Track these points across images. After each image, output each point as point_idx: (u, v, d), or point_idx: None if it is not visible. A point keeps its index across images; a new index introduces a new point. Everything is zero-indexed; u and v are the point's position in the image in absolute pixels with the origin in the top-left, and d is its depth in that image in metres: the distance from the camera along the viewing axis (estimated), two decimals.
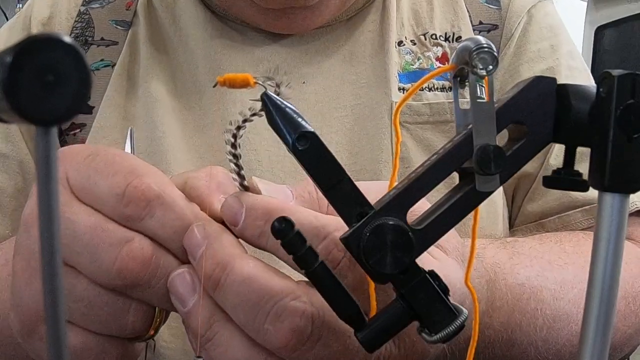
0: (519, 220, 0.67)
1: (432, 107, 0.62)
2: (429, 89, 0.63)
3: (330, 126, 0.61)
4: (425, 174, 0.33)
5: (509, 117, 0.33)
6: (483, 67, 0.32)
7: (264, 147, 0.60)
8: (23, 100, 0.19)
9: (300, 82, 0.62)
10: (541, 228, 0.65)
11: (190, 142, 0.61)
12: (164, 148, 0.60)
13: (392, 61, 0.62)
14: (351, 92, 0.62)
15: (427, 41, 0.64)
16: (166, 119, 0.61)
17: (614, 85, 0.30)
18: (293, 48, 0.63)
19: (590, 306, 0.30)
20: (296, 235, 0.34)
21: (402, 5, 0.65)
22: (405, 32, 0.65)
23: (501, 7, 0.67)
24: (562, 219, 0.64)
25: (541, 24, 0.68)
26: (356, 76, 0.63)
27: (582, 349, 0.30)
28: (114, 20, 0.65)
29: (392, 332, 0.35)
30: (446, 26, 0.65)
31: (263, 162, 0.60)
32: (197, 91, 0.62)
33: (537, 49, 0.66)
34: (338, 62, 0.63)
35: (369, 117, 0.61)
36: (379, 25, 0.64)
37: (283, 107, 0.33)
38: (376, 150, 0.60)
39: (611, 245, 0.29)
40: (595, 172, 0.30)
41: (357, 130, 0.61)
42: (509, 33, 0.66)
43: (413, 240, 0.32)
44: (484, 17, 0.66)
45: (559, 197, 0.64)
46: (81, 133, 0.63)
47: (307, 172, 0.33)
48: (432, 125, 0.61)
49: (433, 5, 0.66)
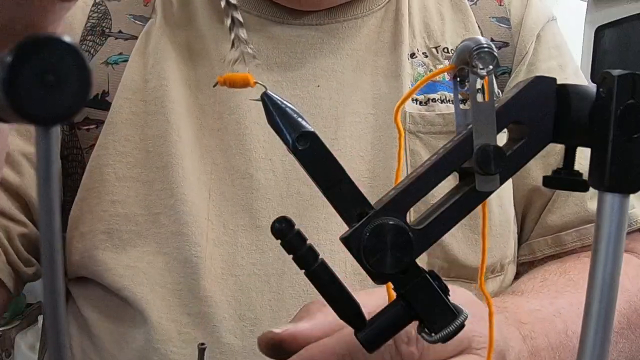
0: (536, 233, 0.68)
1: (445, 117, 0.62)
2: (441, 101, 0.63)
3: (344, 130, 0.61)
4: (425, 174, 0.33)
5: (509, 117, 0.33)
6: (483, 67, 0.32)
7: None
8: (23, 99, 0.19)
9: (315, 85, 0.62)
10: (559, 241, 0.66)
11: (203, 143, 0.60)
12: (175, 147, 0.59)
13: (405, 72, 0.63)
14: (365, 101, 0.62)
15: (439, 54, 0.65)
16: (178, 117, 0.60)
17: (614, 85, 0.30)
18: (305, 38, 0.63)
19: (591, 306, 0.30)
20: (296, 235, 0.34)
21: (414, 16, 0.66)
22: (417, 44, 0.65)
23: (511, 27, 0.68)
24: (580, 232, 0.66)
25: (549, 44, 0.70)
26: (369, 85, 0.63)
27: (582, 349, 0.30)
28: (132, 15, 0.64)
29: (392, 332, 0.35)
30: (457, 40, 0.66)
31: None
32: (212, 89, 0.62)
33: (547, 67, 0.68)
34: (351, 68, 0.63)
35: (382, 127, 0.61)
36: (391, 34, 0.65)
37: (283, 107, 0.33)
38: (391, 159, 0.60)
39: (611, 245, 0.29)
40: (595, 172, 0.30)
41: (372, 140, 0.61)
42: (523, 51, 0.68)
43: (413, 240, 0.32)
44: (495, 34, 0.68)
45: (577, 210, 0.66)
46: (97, 130, 0.61)
47: (307, 172, 0.33)
48: (445, 135, 0.62)
49: (444, 19, 0.67)
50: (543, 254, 0.67)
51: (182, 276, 0.57)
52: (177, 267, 0.57)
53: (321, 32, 0.63)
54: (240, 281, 0.57)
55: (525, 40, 0.68)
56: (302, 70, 0.62)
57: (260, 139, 0.60)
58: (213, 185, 0.59)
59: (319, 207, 0.58)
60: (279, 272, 0.57)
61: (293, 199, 0.59)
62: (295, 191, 0.59)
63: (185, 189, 0.58)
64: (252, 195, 0.58)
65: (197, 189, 0.58)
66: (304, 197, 0.59)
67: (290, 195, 0.59)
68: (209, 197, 0.58)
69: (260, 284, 0.57)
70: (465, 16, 0.67)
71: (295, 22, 0.63)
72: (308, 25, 0.63)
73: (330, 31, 0.64)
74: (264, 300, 0.57)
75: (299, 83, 0.62)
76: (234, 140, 0.60)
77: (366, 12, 0.65)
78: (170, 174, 0.58)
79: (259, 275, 0.57)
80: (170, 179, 0.58)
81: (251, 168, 0.59)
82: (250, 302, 0.56)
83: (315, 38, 0.63)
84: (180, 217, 0.57)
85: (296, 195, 0.59)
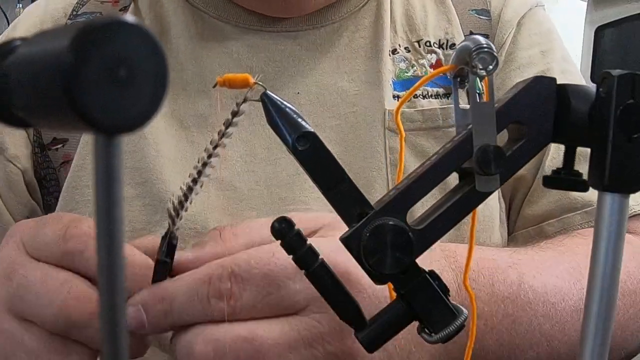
0: (519, 225, 0.66)
1: (425, 113, 0.62)
2: (423, 97, 0.63)
3: (324, 134, 0.61)
4: (425, 174, 0.33)
5: (509, 117, 0.33)
6: (483, 67, 0.32)
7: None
8: (88, 102, 0.14)
9: (295, 92, 0.62)
10: (541, 232, 0.64)
11: (183, 155, 0.60)
12: (154, 162, 0.59)
13: (386, 69, 0.62)
14: (345, 101, 0.62)
15: (422, 48, 0.64)
16: (155, 132, 0.60)
17: (614, 85, 0.30)
18: (284, 45, 0.63)
19: (591, 306, 0.30)
20: (296, 235, 0.34)
21: (396, 12, 0.65)
22: (399, 39, 0.65)
23: (491, 18, 0.68)
24: (562, 222, 0.63)
25: (531, 32, 0.68)
26: (350, 84, 0.62)
27: (582, 349, 0.30)
28: None
29: (392, 332, 0.35)
30: (440, 33, 0.65)
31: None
32: (185, 94, 0.62)
33: (528, 56, 0.67)
34: (331, 70, 0.63)
35: (361, 124, 0.61)
36: (372, 32, 0.64)
37: (283, 107, 0.33)
38: (369, 158, 0.60)
39: (611, 245, 0.29)
40: (595, 172, 0.30)
41: (350, 139, 0.61)
42: (500, 41, 0.67)
43: (413, 240, 0.32)
44: (474, 27, 0.67)
45: (558, 199, 0.64)
46: (64, 148, 0.62)
47: (307, 172, 0.33)
48: (425, 132, 0.62)
49: (427, 12, 0.66)
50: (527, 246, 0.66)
51: None
52: None
53: (300, 38, 0.63)
54: None
55: (503, 31, 0.67)
56: (282, 78, 0.62)
57: (241, 152, 0.60)
58: (196, 197, 0.59)
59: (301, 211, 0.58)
60: None
61: (275, 205, 0.59)
62: (277, 198, 0.59)
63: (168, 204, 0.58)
64: (237, 206, 0.58)
65: None
66: (286, 201, 0.59)
67: (273, 202, 0.59)
68: (194, 209, 0.58)
69: None
70: (447, 9, 0.67)
71: (274, 29, 0.63)
72: (286, 32, 0.63)
73: (309, 37, 0.63)
74: None
75: (279, 91, 0.61)
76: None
77: (345, 15, 0.64)
78: (151, 189, 0.58)
79: None
80: (153, 194, 0.58)
81: (235, 180, 0.59)
82: None
83: (293, 45, 0.63)
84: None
85: (278, 201, 0.59)
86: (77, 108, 0.14)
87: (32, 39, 0.18)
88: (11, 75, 0.18)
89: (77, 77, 0.14)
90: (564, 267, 0.53)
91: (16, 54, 0.19)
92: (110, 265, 0.16)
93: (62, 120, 0.15)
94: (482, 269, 0.49)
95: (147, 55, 0.15)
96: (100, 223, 0.15)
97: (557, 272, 0.52)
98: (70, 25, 0.15)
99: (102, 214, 0.15)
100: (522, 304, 0.49)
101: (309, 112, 0.61)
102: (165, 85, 0.15)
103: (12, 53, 0.19)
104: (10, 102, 0.18)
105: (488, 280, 0.49)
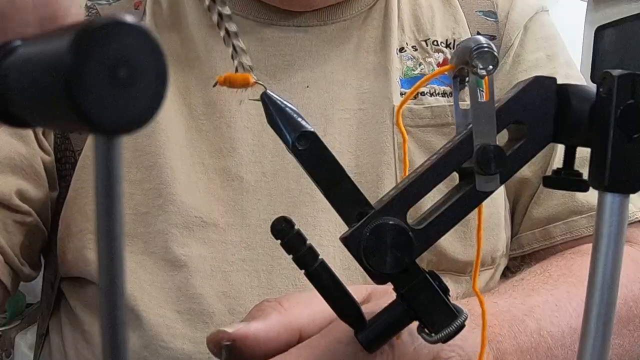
0: (524, 226, 0.67)
1: (434, 110, 0.62)
2: (431, 94, 0.63)
3: (333, 127, 0.61)
4: (425, 174, 0.33)
5: (509, 117, 0.33)
6: (483, 67, 0.32)
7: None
8: (88, 102, 0.14)
9: (304, 85, 0.62)
10: (547, 234, 0.65)
11: (192, 144, 0.61)
12: (164, 147, 0.59)
13: (394, 67, 0.63)
14: (354, 96, 0.63)
15: (429, 47, 0.65)
16: (167, 117, 0.60)
17: (614, 85, 0.30)
18: (294, 40, 0.63)
19: (591, 306, 0.30)
20: (296, 235, 0.34)
21: (403, 11, 0.66)
22: (407, 38, 0.65)
23: (498, 20, 0.68)
24: (568, 225, 0.64)
25: (537, 35, 0.69)
26: (359, 81, 0.63)
27: (582, 349, 0.30)
28: None
29: (392, 332, 0.35)
30: (447, 33, 0.66)
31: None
32: (201, 91, 0.62)
33: (535, 59, 0.68)
34: (340, 66, 0.63)
35: (371, 121, 0.62)
36: (381, 30, 0.65)
37: (283, 107, 0.33)
38: (378, 154, 0.61)
39: (611, 245, 0.29)
40: (595, 172, 0.30)
41: (360, 134, 0.62)
42: (508, 43, 0.68)
43: (413, 240, 0.32)
44: (482, 28, 0.68)
45: (564, 201, 0.64)
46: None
47: (307, 172, 0.33)
48: (434, 128, 0.62)
49: (434, 12, 0.67)
50: (532, 248, 0.66)
51: (171, 275, 0.57)
52: (165, 266, 0.57)
53: (310, 34, 0.64)
54: (230, 277, 0.57)
55: (510, 32, 0.68)
56: (291, 72, 0.62)
57: (249, 142, 0.60)
58: (202, 185, 0.59)
59: (308, 204, 0.59)
60: (268, 267, 0.57)
61: (282, 197, 0.59)
62: (284, 189, 0.59)
63: (174, 189, 0.58)
64: (242, 197, 0.59)
65: (187, 189, 0.59)
66: (293, 194, 0.59)
67: (280, 193, 0.59)
68: (199, 197, 0.58)
69: (249, 279, 0.57)
70: (454, 9, 0.68)
71: (284, 23, 0.63)
72: (296, 27, 0.63)
73: (319, 34, 0.64)
74: (254, 295, 0.57)
75: (288, 85, 0.62)
76: (224, 143, 0.60)
77: (355, 13, 0.65)
78: (158, 174, 0.58)
79: (249, 271, 0.57)
80: (159, 178, 0.58)
81: (242, 171, 0.59)
82: (240, 296, 0.57)
83: (304, 40, 0.63)
84: (169, 217, 0.57)
85: (285, 193, 0.59)
86: (77, 108, 0.14)
87: (32, 39, 0.18)
88: (11, 75, 0.18)
89: (77, 78, 0.14)
90: (577, 303, 0.53)
91: (16, 54, 0.19)
92: (110, 265, 0.16)
93: (62, 120, 0.15)
94: (502, 322, 0.49)
95: (147, 55, 0.15)
96: (100, 223, 0.15)
97: (571, 309, 0.52)
98: (70, 26, 0.15)
99: (103, 214, 0.15)
100: (544, 351, 0.49)
101: (317, 105, 0.62)
102: (165, 86, 0.15)
103: (12, 53, 0.19)
104: (10, 102, 0.18)
105: (510, 332, 0.49)
